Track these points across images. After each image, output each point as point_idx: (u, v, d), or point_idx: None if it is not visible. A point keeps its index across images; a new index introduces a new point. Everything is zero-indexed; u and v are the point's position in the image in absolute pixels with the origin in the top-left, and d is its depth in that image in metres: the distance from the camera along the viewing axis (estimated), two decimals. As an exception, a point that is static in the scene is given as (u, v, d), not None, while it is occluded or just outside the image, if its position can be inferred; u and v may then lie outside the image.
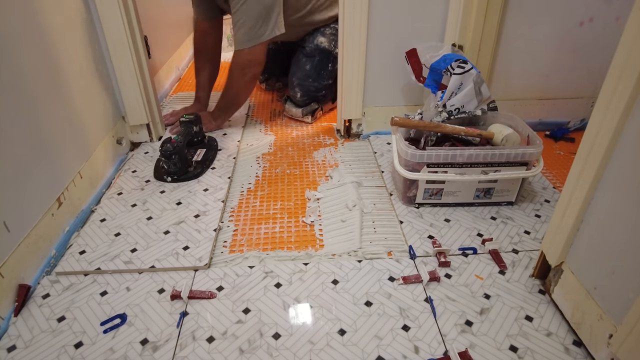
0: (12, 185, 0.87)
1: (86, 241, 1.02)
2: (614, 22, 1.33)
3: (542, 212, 1.11)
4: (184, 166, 1.26)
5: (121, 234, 1.05)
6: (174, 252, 0.99)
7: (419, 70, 1.29)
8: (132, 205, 1.15)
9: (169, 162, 1.22)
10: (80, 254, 0.98)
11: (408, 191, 1.12)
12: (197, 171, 1.28)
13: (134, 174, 1.29)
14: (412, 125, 1.11)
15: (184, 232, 1.05)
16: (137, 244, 1.01)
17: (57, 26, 1.06)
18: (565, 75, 1.43)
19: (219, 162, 1.36)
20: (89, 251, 0.99)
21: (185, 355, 0.76)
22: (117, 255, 0.98)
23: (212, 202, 1.16)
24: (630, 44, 0.62)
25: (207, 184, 1.24)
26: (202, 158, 1.34)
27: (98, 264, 0.95)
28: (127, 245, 1.01)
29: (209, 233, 1.04)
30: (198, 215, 1.11)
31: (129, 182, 1.25)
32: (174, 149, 1.21)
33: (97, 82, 1.27)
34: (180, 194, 1.20)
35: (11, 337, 0.79)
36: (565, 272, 0.81)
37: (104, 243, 1.02)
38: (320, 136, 1.54)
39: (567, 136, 1.49)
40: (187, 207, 1.14)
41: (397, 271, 0.93)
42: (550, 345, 0.77)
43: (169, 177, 1.25)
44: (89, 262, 0.96)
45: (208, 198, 1.18)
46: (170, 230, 1.06)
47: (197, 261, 0.96)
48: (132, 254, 0.98)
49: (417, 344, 0.78)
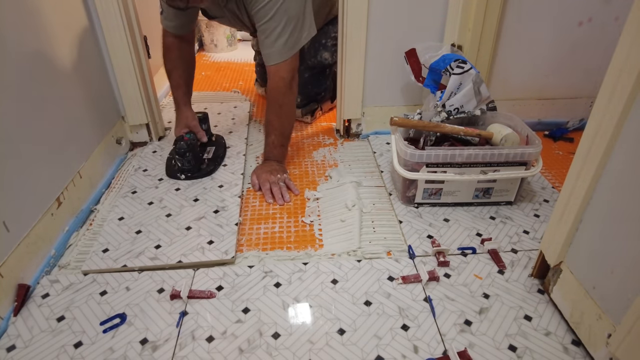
0: (11, 185, 0.87)
1: (107, 240, 1.03)
2: (612, 22, 1.33)
3: (541, 211, 1.12)
4: (197, 164, 1.27)
5: (142, 232, 1.05)
6: (199, 247, 1.00)
7: (418, 70, 1.30)
8: (148, 203, 1.16)
9: (183, 159, 1.23)
10: (103, 252, 0.99)
11: (407, 191, 1.12)
12: (210, 168, 1.29)
13: (145, 173, 1.30)
14: (411, 125, 1.11)
15: (205, 227, 1.06)
16: (160, 240, 1.02)
17: (56, 26, 1.06)
18: (564, 75, 1.43)
19: (229, 159, 1.37)
20: (112, 249, 1.00)
21: (184, 354, 0.76)
22: (142, 252, 0.99)
23: (229, 198, 1.17)
24: (629, 43, 0.62)
25: (221, 181, 1.25)
26: (213, 155, 1.34)
27: (123, 261, 0.96)
28: (150, 242, 1.02)
29: (231, 227, 1.06)
30: (217, 210, 1.12)
31: (141, 181, 1.26)
32: (188, 147, 1.22)
33: (96, 82, 1.27)
34: (195, 191, 1.21)
35: (10, 337, 0.79)
36: (564, 271, 0.81)
37: (126, 241, 1.02)
38: (319, 136, 1.54)
39: (566, 136, 1.49)
40: (204, 203, 1.16)
41: (397, 271, 0.93)
42: (549, 344, 0.77)
43: (182, 174, 1.26)
44: (114, 259, 0.96)
45: (224, 194, 1.19)
46: (191, 226, 1.07)
47: (224, 254, 0.97)
48: (157, 250, 0.99)
49: (417, 343, 0.78)
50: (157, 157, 1.39)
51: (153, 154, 1.41)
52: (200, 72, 2.27)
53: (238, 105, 1.80)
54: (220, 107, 1.78)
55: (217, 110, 1.74)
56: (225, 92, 1.99)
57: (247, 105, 1.79)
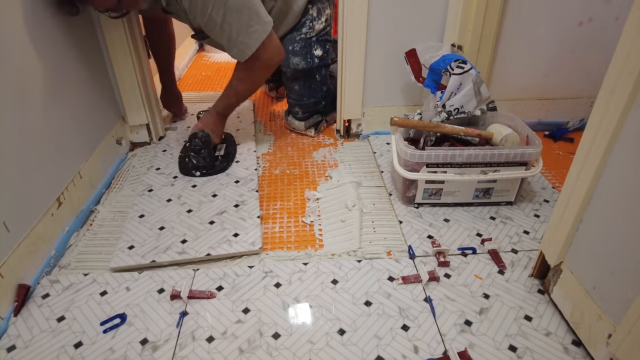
0: (12, 185, 0.87)
1: (131, 237, 1.03)
2: (613, 22, 1.33)
3: (541, 212, 1.12)
4: (212, 160, 1.28)
5: (165, 227, 1.06)
6: (225, 240, 1.01)
7: (418, 70, 1.30)
8: (167, 200, 1.16)
9: (199, 156, 1.25)
10: (129, 249, 0.99)
11: (407, 191, 1.12)
12: (224, 165, 1.30)
13: (159, 171, 1.30)
14: (411, 125, 1.11)
15: (228, 221, 1.07)
16: (185, 235, 1.03)
17: (56, 26, 1.06)
18: (565, 76, 1.43)
19: (240, 155, 1.38)
20: (137, 246, 1.00)
21: (185, 355, 0.76)
22: (169, 247, 0.99)
23: (247, 192, 1.19)
24: (629, 44, 0.62)
25: (237, 176, 1.27)
26: (225, 152, 1.35)
27: (151, 257, 0.96)
28: (175, 237, 1.02)
29: (253, 220, 1.07)
30: (238, 205, 1.14)
31: (155, 179, 1.26)
32: (203, 144, 1.24)
33: (96, 82, 1.27)
34: (212, 187, 1.22)
35: (11, 337, 0.79)
36: (564, 271, 0.81)
37: (150, 237, 1.03)
38: (319, 136, 1.54)
39: (566, 136, 1.49)
40: (223, 198, 1.17)
41: (397, 271, 0.93)
42: (550, 344, 0.77)
43: (197, 171, 1.27)
44: (142, 255, 0.97)
45: (242, 189, 1.21)
46: (215, 221, 1.08)
47: (251, 246, 0.99)
48: (184, 245, 1.00)
49: (417, 343, 0.78)
50: (168, 156, 1.39)
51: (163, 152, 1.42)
52: (200, 72, 2.28)
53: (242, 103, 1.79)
54: None
55: None
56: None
57: (249, 103, 1.78)
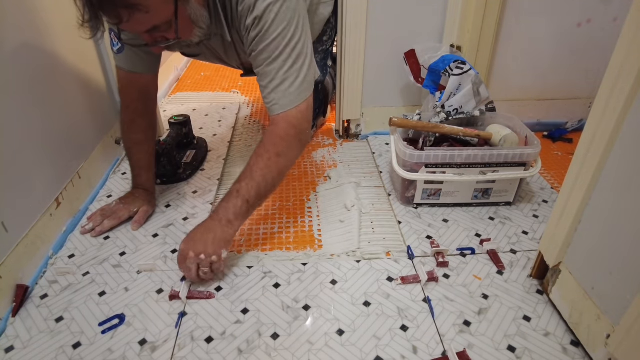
0: (10, 186, 0.86)
1: (75, 245, 1.01)
2: (611, 23, 1.34)
3: (540, 212, 1.12)
4: (173, 168, 1.25)
5: (110, 238, 1.04)
6: (162, 256, 0.98)
7: (417, 71, 1.30)
8: None
9: (158, 164, 1.20)
10: (69, 257, 0.98)
11: (406, 191, 1.12)
12: (187, 173, 1.27)
13: (124, 176, 1.28)
14: (410, 125, 1.11)
15: (172, 235, 1.04)
16: (126, 247, 1.01)
17: (56, 26, 1.06)
18: (564, 76, 1.43)
19: (208, 163, 1.35)
20: (78, 255, 0.98)
21: (183, 355, 0.76)
22: (106, 259, 0.97)
23: (200, 205, 1.15)
24: (628, 45, 0.62)
25: (197, 186, 1.24)
26: (192, 159, 1.32)
27: (87, 268, 0.94)
28: (116, 248, 1.00)
29: None
30: (187, 218, 1.11)
31: (118, 184, 1.25)
32: (162, 152, 1.20)
33: (95, 83, 1.27)
34: (169, 197, 1.19)
35: (9, 338, 0.79)
36: (563, 272, 0.81)
37: (93, 247, 1.01)
38: (318, 137, 1.54)
39: (565, 137, 1.49)
40: (175, 209, 1.14)
41: (396, 271, 0.93)
42: (548, 345, 0.77)
43: (157, 179, 1.23)
44: (78, 266, 0.95)
45: (197, 201, 1.17)
46: (158, 234, 1.05)
47: None
48: (121, 258, 0.98)
49: (416, 344, 0.78)
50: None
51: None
52: (200, 73, 2.27)
53: (227, 107, 1.79)
54: (209, 109, 1.77)
55: (205, 112, 1.73)
56: (225, 93, 1.99)
57: (236, 107, 1.77)
